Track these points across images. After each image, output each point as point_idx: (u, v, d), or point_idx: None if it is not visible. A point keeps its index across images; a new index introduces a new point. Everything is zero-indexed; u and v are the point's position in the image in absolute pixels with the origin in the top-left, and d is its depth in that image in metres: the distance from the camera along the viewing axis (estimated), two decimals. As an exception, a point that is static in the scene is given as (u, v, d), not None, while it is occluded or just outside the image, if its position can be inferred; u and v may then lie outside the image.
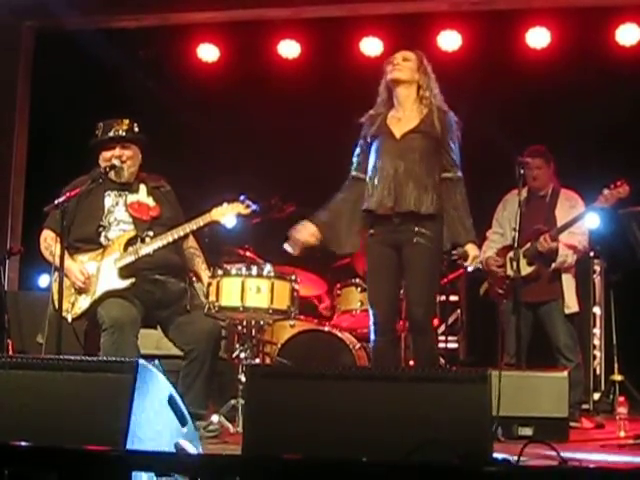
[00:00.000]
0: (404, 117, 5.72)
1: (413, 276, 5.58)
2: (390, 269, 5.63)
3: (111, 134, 5.84)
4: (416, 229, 5.54)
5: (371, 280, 5.80)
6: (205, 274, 5.92)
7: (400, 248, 5.60)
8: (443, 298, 9.22)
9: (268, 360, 7.43)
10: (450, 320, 9.72)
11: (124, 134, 5.86)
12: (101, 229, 5.75)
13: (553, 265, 6.84)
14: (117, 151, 5.82)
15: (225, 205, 5.83)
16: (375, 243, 5.68)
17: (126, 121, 5.91)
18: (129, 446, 3.41)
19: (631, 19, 8.57)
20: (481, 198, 8.01)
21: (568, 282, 6.86)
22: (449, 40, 8.93)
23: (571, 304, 6.83)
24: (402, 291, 5.83)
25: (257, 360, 6.62)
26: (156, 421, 3.72)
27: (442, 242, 5.70)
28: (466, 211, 5.67)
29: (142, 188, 5.96)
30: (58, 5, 8.31)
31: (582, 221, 6.82)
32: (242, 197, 5.87)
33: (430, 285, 5.69)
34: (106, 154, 5.84)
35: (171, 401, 3.82)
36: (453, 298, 9.69)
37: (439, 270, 5.90)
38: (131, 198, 5.87)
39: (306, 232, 5.76)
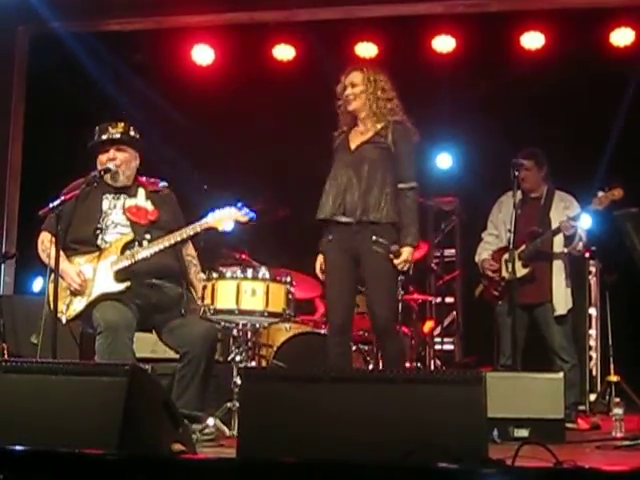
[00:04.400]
0: (363, 131, 5.91)
1: (374, 283, 5.77)
2: (346, 274, 5.84)
3: (105, 137, 5.83)
4: (374, 238, 5.70)
5: (329, 284, 5.98)
6: (199, 284, 5.90)
7: (358, 255, 5.77)
8: (439, 300, 9.25)
9: (264, 363, 7.43)
10: (446, 322, 9.75)
11: (118, 136, 5.83)
12: (98, 232, 5.72)
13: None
14: (111, 154, 5.79)
15: (223, 212, 5.82)
16: (332, 249, 5.87)
17: (121, 124, 5.87)
18: (123, 449, 3.41)
19: (625, 22, 8.59)
20: (477, 199, 8.07)
21: (557, 284, 6.86)
22: (444, 42, 8.94)
23: (558, 306, 6.82)
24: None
25: (253, 363, 6.62)
26: (151, 424, 3.72)
27: None
28: (411, 218, 5.79)
29: (140, 192, 5.93)
30: (52, 9, 8.30)
31: (580, 220, 6.82)
32: (240, 204, 5.87)
33: (390, 291, 5.93)
34: (102, 157, 5.82)
35: (165, 404, 3.82)
36: (449, 300, 9.73)
37: (397, 276, 6.02)
38: (129, 202, 5.85)
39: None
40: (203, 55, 9.45)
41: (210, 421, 5.65)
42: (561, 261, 6.90)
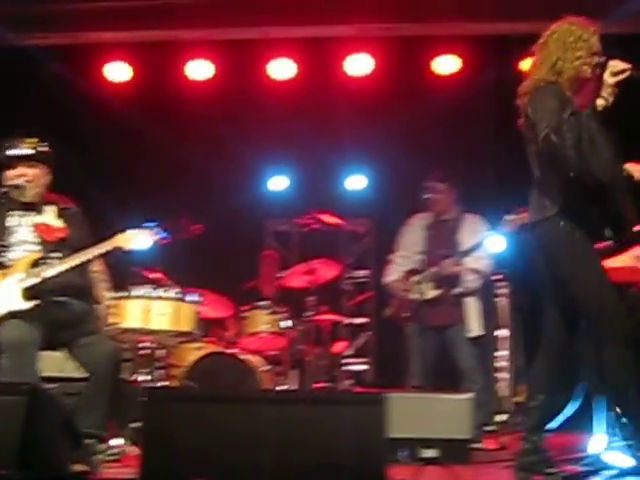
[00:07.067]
0: None
1: None
2: None
3: (13, 152, 5.73)
4: None
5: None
6: (105, 299, 5.84)
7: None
8: (351, 321, 9.28)
9: (175, 383, 7.37)
10: (360, 342, 9.77)
11: (30, 152, 5.73)
12: (3, 249, 5.64)
13: (457, 290, 6.92)
14: (20, 170, 5.71)
15: (130, 232, 5.74)
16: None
17: (30, 139, 5.80)
18: (24, 470, 3.36)
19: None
20: (391, 221, 8.11)
21: (470, 306, 6.95)
22: (358, 63, 9.01)
23: (473, 327, 6.91)
24: None
25: (164, 383, 6.57)
26: (51, 444, 3.67)
27: None
28: None
29: (50, 209, 5.83)
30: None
31: (485, 245, 6.91)
32: (151, 225, 5.79)
33: None
34: (9, 173, 5.72)
35: (66, 424, 3.78)
36: (361, 321, 9.75)
37: None
38: (37, 219, 5.76)
39: None
40: (118, 72, 9.41)
41: (116, 441, 5.60)
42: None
